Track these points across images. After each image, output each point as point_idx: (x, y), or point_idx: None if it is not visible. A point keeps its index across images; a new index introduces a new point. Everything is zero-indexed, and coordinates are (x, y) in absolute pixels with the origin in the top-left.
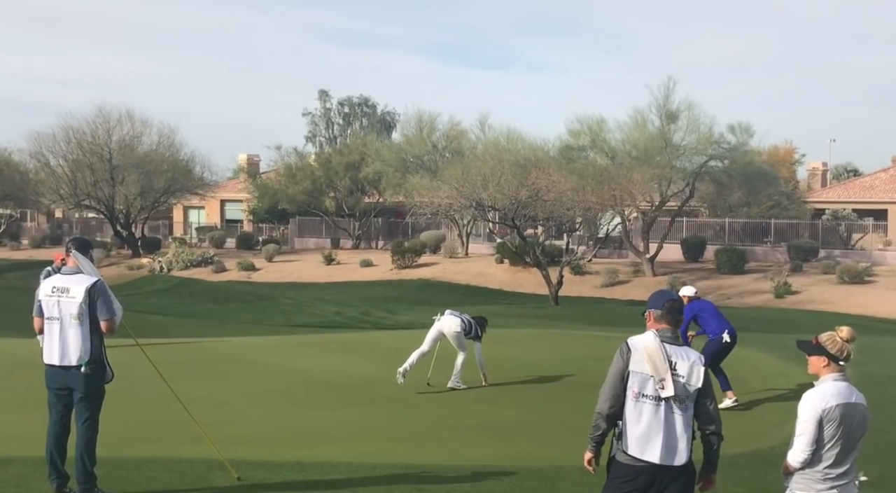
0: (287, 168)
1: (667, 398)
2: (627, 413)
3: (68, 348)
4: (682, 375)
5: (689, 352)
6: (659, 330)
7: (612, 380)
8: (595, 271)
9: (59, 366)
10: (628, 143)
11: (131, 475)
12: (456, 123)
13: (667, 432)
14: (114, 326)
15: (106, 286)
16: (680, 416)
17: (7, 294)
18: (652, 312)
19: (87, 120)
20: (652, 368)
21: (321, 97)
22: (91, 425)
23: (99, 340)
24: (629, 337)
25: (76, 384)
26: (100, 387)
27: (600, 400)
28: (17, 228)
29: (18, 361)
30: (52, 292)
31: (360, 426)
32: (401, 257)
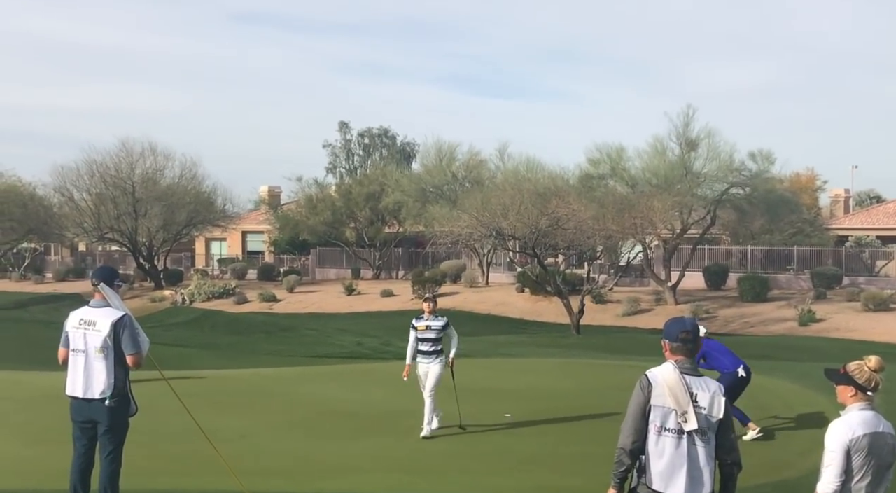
0: (308, 199)
1: (690, 432)
2: (650, 448)
3: (92, 381)
4: (704, 406)
5: (709, 382)
6: (677, 362)
7: (633, 415)
8: (616, 299)
9: (82, 398)
10: (648, 171)
11: None
12: (475, 152)
13: (690, 465)
14: (140, 360)
15: (133, 321)
16: (703, 448)
17: (31, 327)
18: (668, 343)
19: (111, 154)
20: (674, 401)
21: (341, 129)
22: (115, 458)
23: (123, 373)
24: (648, 369)
25: (100, 417)
26: (124, 420)
27: (622, 435)
28: (41, 261)
29: (41, 393)
30: (79, 325)
31: (383, 457)
32: (421, 287)
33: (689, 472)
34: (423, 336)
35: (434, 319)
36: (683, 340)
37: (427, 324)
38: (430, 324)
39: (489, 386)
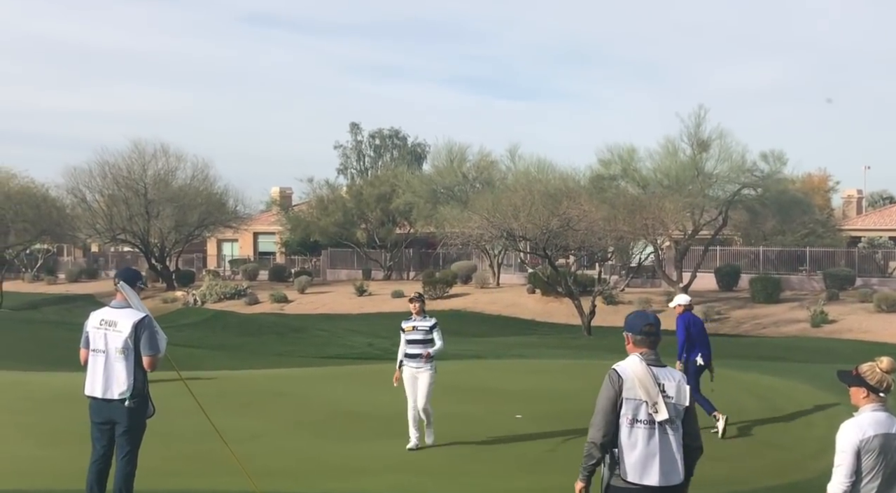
0: (319, 200)
1: (661, 422)
2: (623, 440)
3: (111, 382)
4: (672, 396)
5: (673, 372)
6: (642, 354)
7: (604, 409)
8: (628, 300)
9: (101, 399)
10: (660, 171)
11: None
12: (486, 153)
13: (662, 454)
14: (155, 363)
15: (153, 322)
16: (673, 436)
17: (44, 328)
18: (631, 336)
19: (123, 155)
20: (644, 393)
21: (352, 130)
22: (130, 460)
23: (143, 374)
24: (615, 364)
25: (119, 418)
26: (141, 422)
27: (593, 430)
28: (54, 262)
29: (55, 394)
30: (99, 325)
31: (393, 459)
32: (432, 288)
33: (661, 461)
34: (410, 338)
35: (422, 319)
36: (647, 332)
37: (414, 325)
38: (416, 325)
39: (499, 387)
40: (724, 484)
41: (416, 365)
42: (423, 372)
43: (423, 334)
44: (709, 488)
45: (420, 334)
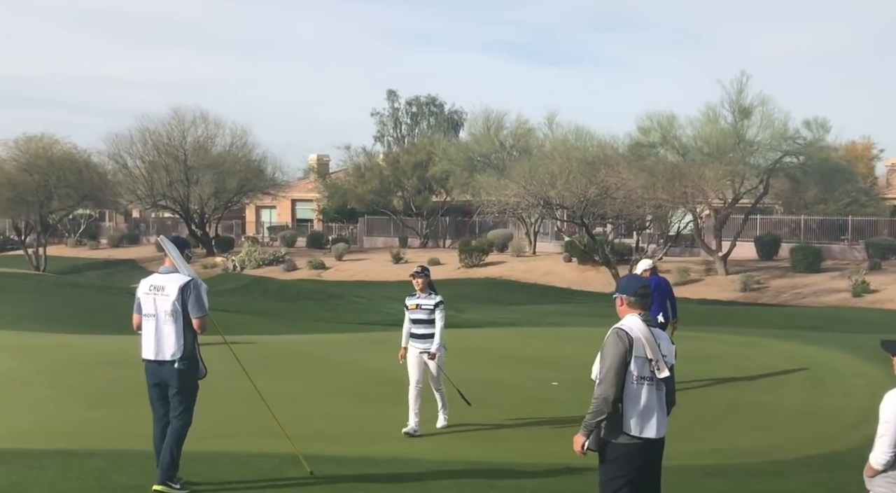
0: (356, 168)
1: (661, 379)
2: (628, 396)
3: (163, 344)
4: (667, 354)
5: (661, 332)
6: (640, 315)
7: (616, 366)
8: (666, 269)
9: (154, 361)
10: (700, 139)
11: (206, 469)
12: (523, 121)
13: (659, 408)
14: (204, 324)
15: (199, 285)
16: (663, 392)
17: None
18: (624, 298)
19: (163, 122)
20: (651, 352)
21: (389, 97)
22: (182, 417)
23: (192, 336)
24: (618, 324)
25: (170, 379)
26: (192, 383)
27: (605, 386)
28: (96, 228)
29: (98, 357)
30: (149, 290)
31: (430, 423)
32: (468, 256)
33: (658, 415)
34: (414, 317)
35: (426, 297)
36: (642, 295)
37: (417, 302)
38: (420, 303)
39: (536, 355)
40: (765, 453)
41: (422, 346)
42: (428, 352)
43: (427, 313)
44: (749, 456)
45: (424, 313)
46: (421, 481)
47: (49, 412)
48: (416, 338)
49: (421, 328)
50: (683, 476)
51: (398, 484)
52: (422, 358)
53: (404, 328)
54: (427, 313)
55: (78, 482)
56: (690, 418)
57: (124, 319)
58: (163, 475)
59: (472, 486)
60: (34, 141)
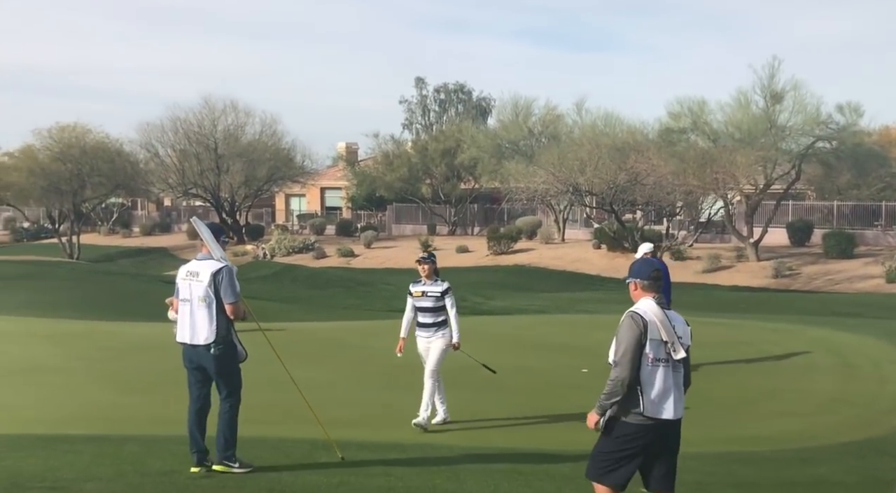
0: (384, 156)
1: (677, 360)
2: (644, 378)
3: (196, 329)
4: (682, 336)
5: (676, 315)
6: (654, 298)
7: (631, 349)
8: (696, 256)
9: (189, 344)
10: (731, 124)
11: (238, 454)
12: (552, 107)
13: (676, 389)
14: (237, 310)
15: (232, 272)
16: (680, 373)
17: (120, 280)
18: (638, 282)
19: (194, 111)
20: (666, 334)
21: (417, 84)
22: (229, 400)
23: (226, 321)
24: (633, 308)
25: (207, 363)
26: (231, 366)
27: (621, 369)
28: (129, 216)
29: (131, 343)
30: (185, 276)
31: (459, 410)
32: (497, 243)
33: (675, 396)
34: (420, 305)
35: (432, 284)
36: (655, 278)
37: (423, 290)
38: (426, 290)
39: (565, 342)
40: (799, 440)
41: (428, 335)
42: (435, 340)
43: (434, 300)
44: (781, 444)
45: (430, 301)
46: (449, 465)
47: (84, 398)
48: (423, 327)
49: (428, 317)
50: (714, 463)
51: (427, 469)
52: (428, 347)
53: (405, 317)
54: (434, 300)
55: (113, 467)
56: (722, 405)
57: (157, 306)
58: (220, 455)
59: (501, 472)
60: (67, 130)
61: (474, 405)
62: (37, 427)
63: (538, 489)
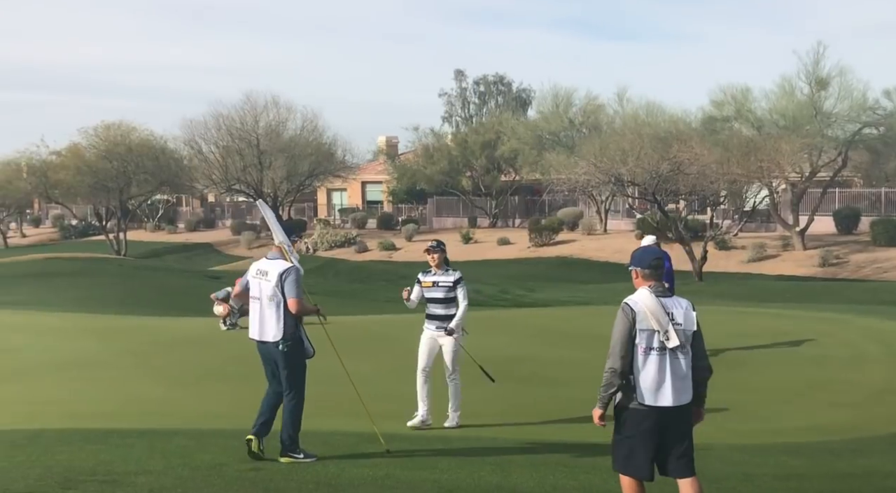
0: (424, 149)
1: (672, 348)
2: (638, 367)
3: (265, 326)
4: (681, 322)
5: (680, 301)
6: (651, 287)
7: (621, 339)
8: (741, 245)
9: (259, 341)
10: (775, 112)
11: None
12: (593, 97)
13: (674, 377)
14: (298, 306)
15: (298, 272)
16: (683, 360)
17: (166, 276)
18: (638, 270)
19: (236, 107)
20: (656, 323)
21: (457, 77)
22: (292, 397)
23: (293, 319)
24: (626, 298)
25: (276, 359)
26: (297, 363)
27: (611, 359)
28: (174, 212)
29: (177, 338)
30: (255, 275)
31: (504, 403)
32: (538, 235)
33: (673, 383)
34: (431, 296)
35: (443, 273)
36: (655, 266)
37: (434, 280)
38: (437, 280)
39: (608, 333)
40: (847, 431)
41: (438, 328)
42: (445, 337)
43: (445, 291)
44: (831, 434)
45: (441, 292)
46: (495, 458)
47: (133, 392)
48: (432, 319)
49: (439, 308)
50: (763, 455)
51: (473, 462)
52: (436, 342)
53: (414, 293)
54: (445, 291)
55: (163, 461)
56: (769, 396)
57: (202, 301)
58: (284, 448)
59: (546, 465)
60: (113, 129)
61: (518, 397)
62: (88, 422)
63: (584, 481)
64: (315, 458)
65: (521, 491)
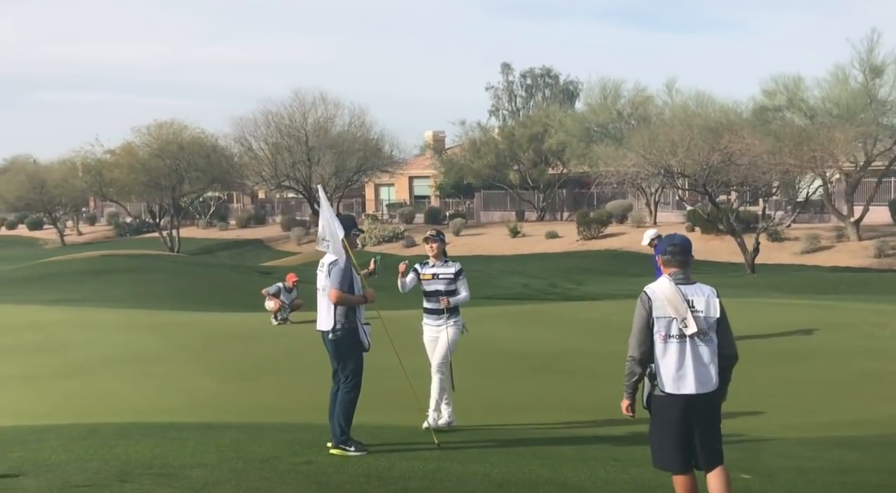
0: (471, 143)
1: (691, 335)
2: (658, 355)
3: (321, 316)
4: (701, 310)
5: (702, 288)
6: (671, 274)
7: (639, 327)
8: (794, 236)
9: (319, 331)
10: (829, 101)
11: (327, 438)
12: (641, 89)
13: (696, 364)
14: (337, 297)
15: (342, 264)
16: (705, 347)
17: (218, 272)
18: (661, 258)
19: (285, 104)
20: (673, 310)
21: (503, 70)
22: (346, 387)
23: (344, 310)
24: (647, 286)
25: (329, 348)
26: (349, 353)
27: (631, 347)
28: (225, 209)
29: (229, 333)
30: (319, 267)
31: (554, 397)
32: (587, 228)
33: (695, 371)
34: (431, 288)
35: (442, 265)
36: (672, 253)
37: (434, 272)
38: (437, 272)
39: None
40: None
41: (438, 323)
42: (445, 329)
43: (447, 283)
44: (885, 428)
45: (442, 284)
46: (545, 452)
47: (188, 387)
48: (432, 314)
49: (437, 302)
50: (817, 448)
51: (523, 456)
52: (437, 336)
53: (409, 279)
54: (446, 283)
55: (217, 454)
56: (823, 388)
57: (254, 296)
58: (335, 440)
59: (597, 459)
60: (165, 127)
61: (569, 391)
62: (144, 416)
63: (635, 475)
64: (366, 452)
65: (571, 485)
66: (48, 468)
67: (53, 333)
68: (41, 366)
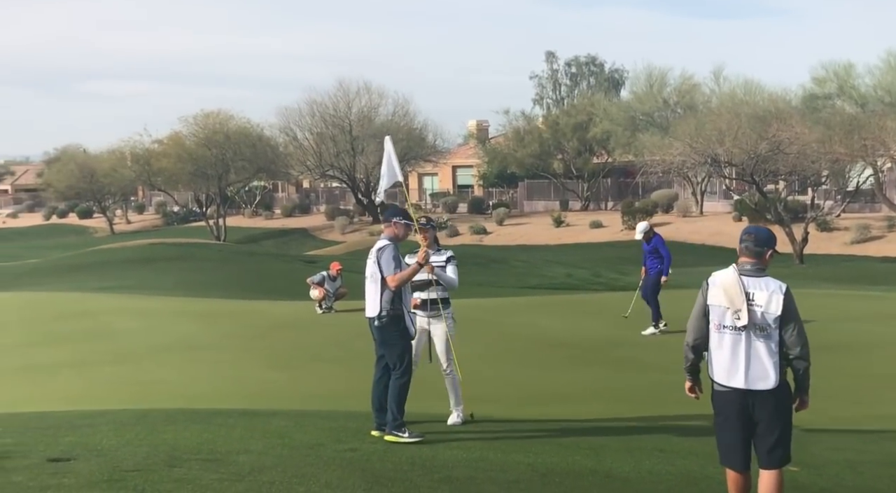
0: (515, 132)
1: (744, 327)
2: (712, 344)
3: (368, 303)
4: (761, 304)
5: (769, 282)
6: (740, 263)
7: (695, 314)
8: (844, 226)
9: (367, 317)
10: (880, 88)
11: (371, 427)
12: (688, 77)
13: (748, 358)
14: (393, 282)
15: (392, 249)
16: (762, 343)
17: (264, 260)
18: (738, 246)
19: (329, 94)
20: (728, 300)
21: (548, 59)
22: (398, 375)
23: (390, 296)
24: (712, 273)
25: (375, 335)
26: (395, 340)
27: (687, 333)
28: (270, 198)
29: (275, 322)
30: (370, 255)
31: (598, 387)
32: (631, 218)
33: (747, 365)
34: (420, 278)
35: (434, 253)
36: (743, 241)
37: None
38: (430, 260)
39: None
40: None
41: (429, 314)
42: (436, 322)
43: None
44: None
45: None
46: (589, 442)
47: (234, 374)
48: (421, 304)
49: (431, 291)
50: (867, 441)
51: (567, 446)
52: (428, 330)
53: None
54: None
55: (263, 441)
56: (875, 381)
57: (299, 285)
58: (389, 427)
59: (642, 450)
60: (211, 117)
61: (613, 381)
62: (192, 402)
63: (681, 467)
64: (421, 438)
65: (615, 476)
66: (99, 453)
67: (104, 320)
68: (92, 352)
